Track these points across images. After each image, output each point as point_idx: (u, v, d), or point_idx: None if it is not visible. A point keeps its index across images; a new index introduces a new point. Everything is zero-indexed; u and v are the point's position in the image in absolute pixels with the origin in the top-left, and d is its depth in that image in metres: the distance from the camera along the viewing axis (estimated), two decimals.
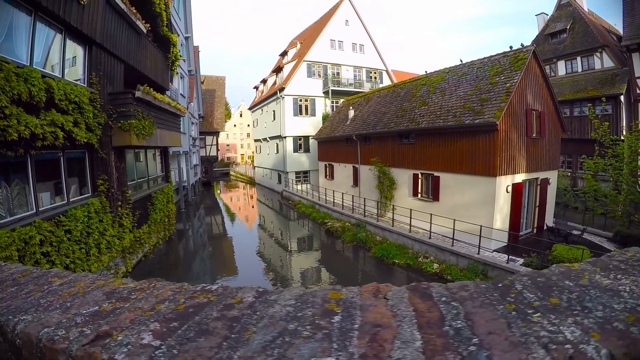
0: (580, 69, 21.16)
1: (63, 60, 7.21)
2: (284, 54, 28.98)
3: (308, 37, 27.15)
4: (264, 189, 32.99)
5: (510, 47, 13.35)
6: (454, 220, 11.39)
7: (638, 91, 19.17)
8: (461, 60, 14.84)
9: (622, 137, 14.62)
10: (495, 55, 13.50)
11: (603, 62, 20.65)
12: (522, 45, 13.00)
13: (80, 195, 7.85)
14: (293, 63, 25.31)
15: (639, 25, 19.41)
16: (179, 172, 22.49)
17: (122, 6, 8.86)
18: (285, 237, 18.26)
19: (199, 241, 17.60)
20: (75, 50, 7.77)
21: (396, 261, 12.29)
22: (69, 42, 7.42)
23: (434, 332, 0.73)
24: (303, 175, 26.38)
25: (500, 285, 1.00)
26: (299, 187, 25.34)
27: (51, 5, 6.33)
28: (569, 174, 20.50)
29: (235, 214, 25.18)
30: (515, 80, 11.58)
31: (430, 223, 12.11)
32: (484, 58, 13.89)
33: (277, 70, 27.20)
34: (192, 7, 24.23)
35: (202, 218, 23.02)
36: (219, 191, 36.36)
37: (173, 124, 13.66)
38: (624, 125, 18.74)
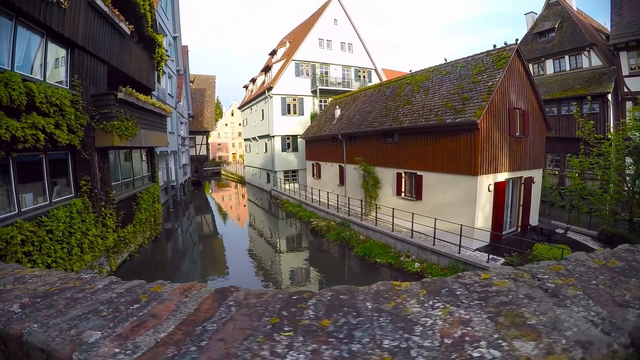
0: (568, 68, 21.15)
1: (45, 63, 7.34)
2: (273, 53, 28.84)
3: (297, 36, 27.02)
4: (254, 188, 32.97)
5: (494, 46, 13.28)
6: (435, 219, 11.32)
7: (625, 90, 19.22)
8: (446, 60, 14.76)
9: (608, 136, 14.56)
10: (479, 54, 13.42)
11: (591, 61, 20.64)
12: (505, 44, 12.93)
13: (62, 196, 7.91)
14: (282, 62, 25.17)
15: (627, 24, 19.45)
16: (167, 172, 22.35)
17: (105, 8, 8.93)
18: (270, 236, 18.23)
19: (186, 240, 17.54)
20: (57, 53, 7.88)
21: (378, 260, 12.23)
22: (50, 46, 7.54)
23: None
24: (292, 174, 26.34)
25: (295, 297, 0.93)
26: (288, 186, 25.27)
27: (32, 10, 6.45)
28: (557, 172, 20.49)
29: (224, 214, 25.11)
30: (497, 79, 11.51)
31: (412, 222, 12.05)
32: (467, 57, 13.82)
33: (266, 69, 27.06)
34: (180, 6, 24.07)
35: (191, 217, 22.94)
36: (209, 190, 36.28)
37: (158, 124, 13.62)
38: (611, 123, 18.75)
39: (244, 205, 28.25)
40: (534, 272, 0.95)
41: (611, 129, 17.03)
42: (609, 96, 19.15)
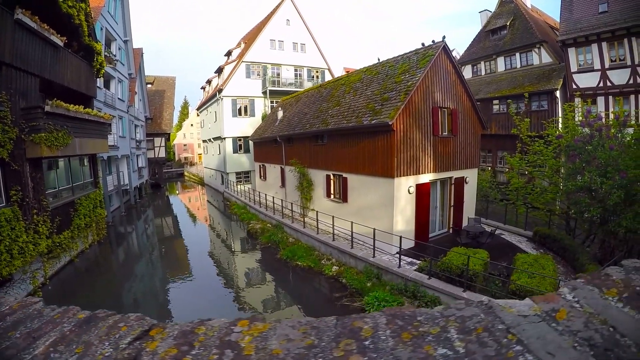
0: (519, 65, 21.08)
1: None
2: (228, 53, 28.41)
3: (251, 37, 26.65)
4: (211, 189, 32.84)
5: (423, 44, 13.02)
6: (352, 222, 11.04)
7: (574, 86, 19.19)
8: (379, 59, 14.47)
9: (557, 133, 14.28)
10: (408, 53, 13.15)
11: (541, 57, 20.60)
12: (433, 42, 12.67)
13: None
14: (233, 64, 24.77)
15: (576, 21, 19.42)
16: (117, 176, 21.83)
17: (33, 25, 9.26)
18: (207, 240, 18.11)
19: (131, 245, 17.43)
20: None
21: (299, 263, 12.06)
22: None
23: None
24: (244, 176, 26.11)
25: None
26: (240, 187, 24.94)
27: None
28: (507, 170, 20.36)
29: (175, 218, 24.77)
30: (417, 78, 11.22)
31: (333, 225, 11.77)
32: (398, 56, 13.54)
33: (219, 71, 26.64)
34: (130, 10, 23.71)
35: (142, 221, 22.62)
36: (167, 193, 35.69)
37: (97, 132, 13.99)
38: (560, 120, 18.68)
39: (198, 208, 28.11)
40: None
41: (560, 126, 16.92)
42: (557, 93, 19.09)
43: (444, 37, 12.31)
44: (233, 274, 12.89)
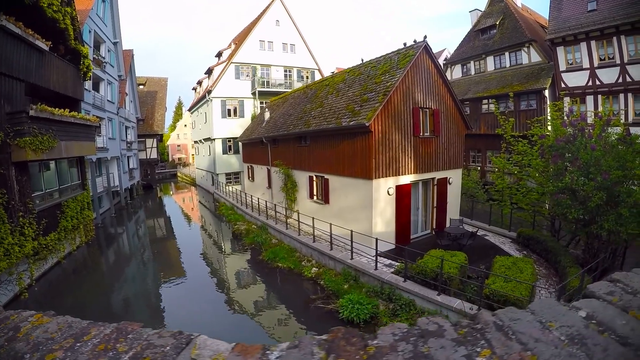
0: (508, 64, 20.96)
1: None
2: (219, 54, 28.32)
3: (242, 38, 26.58)
4: (203, 190, 32.81)
5: (404, 44, 12.90)
6: (331, 224, 10.97)
7: (563, 85, 19.05)
8: (362, 60, 14.36)
9: (545, 132, 14.09)
10: (390, 53, 13.04)
11: (530, 57, 20.49)
12: (414, 41, 12.55)
13: None
14: (223, 65, 24.70)
15: (565, 19, 19.30)
16: (107, 178, 21.79)
17: (17, 30, 9.33)
18: (193, 241, 18.01)
19: (119, 246, 17.44)
20: None
21: (280, 265, 12.04)
22: None
23: None
24: (234, 177, 26.03)
25: None
26: (229, 188, 24.85)
27: None
28: (496, 170, 20.23)
29: (165, 219, 24.68)
30: (397, 79, 11.11)
31: (313, 227, 11.72)
32: (380, 56, 13.42)
33: (209, 72, 26.57)
34: (120, 12, 23.72)
35: (132, 223, 22.50)
36: (158, 194, 35.57)
37: (83, 134, 14.08)
38: (548, 119, 18.55)
39: (188, 210, 28.02)
40: None
41: (549, 125, 16.78)
42: (546, 92, 18.96)
43: (425, 36, 12.17)
44: (211, 276, 12.80)
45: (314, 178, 13.71)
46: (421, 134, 12.02)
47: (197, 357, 0.78)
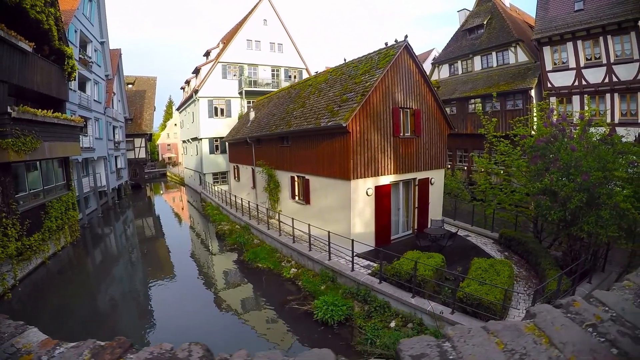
0: (495, 64, 20.91)
1: None
2: (207, 54, 28.12)
3: (229, 38, 26.42)
4: (191, 190, 32.69)
5: (386, 44, 12.79)
6: (309, 225, 10.87)
7: (549, 85, 19.02)
8: (345, 60, 14.23)
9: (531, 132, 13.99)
10: (372, 53, 12.92)
11: (517, 56, 20.43)
12: (396, 41, 12.44)
13: None
14: (211, 64, 24.53)
15: (551, 19, 19.26)
16: (94, 178, 21.55)
17: None
18: (174, 241, 17.88)
19: (105, 246, 17.36)
20: None
21: (260, 265, 12.01)
22: None
23: None
24: (221, 177, 25.90)
25: None
26: (216, 188, 24.67)
27: None
28: (483, 170, 20.20)
29: (152, 219, 24.54)
30: (376, 79, 10.99)
31: (293, 227, 11.64)
32: (362, 56, 13.30)
33: (196, 71, 26.37)
34: (107, 12, 23.48)
35: (118, 223, 22.35)
36: (147, 194, 35.29)
37: (67, 135, 14.14)
38: (534, 119, 18.51)
39: (174, 210, 27.90)
40: None
41: (535, 125, 16.73)
42: (532, 92, 18.93)
43: (406, 36, 12.05)
44: (190, 276, 12.64)
45: (296, 178, 13.60)
46: (401, 134, 11.91)
47: None
